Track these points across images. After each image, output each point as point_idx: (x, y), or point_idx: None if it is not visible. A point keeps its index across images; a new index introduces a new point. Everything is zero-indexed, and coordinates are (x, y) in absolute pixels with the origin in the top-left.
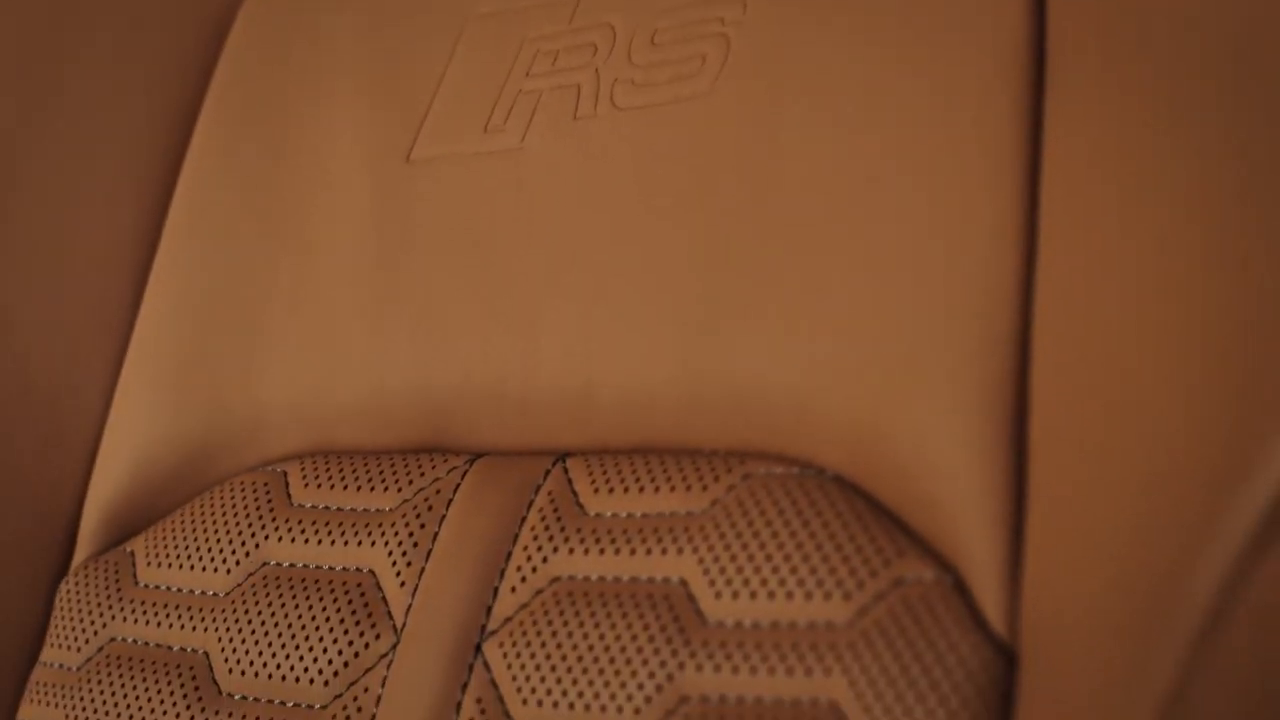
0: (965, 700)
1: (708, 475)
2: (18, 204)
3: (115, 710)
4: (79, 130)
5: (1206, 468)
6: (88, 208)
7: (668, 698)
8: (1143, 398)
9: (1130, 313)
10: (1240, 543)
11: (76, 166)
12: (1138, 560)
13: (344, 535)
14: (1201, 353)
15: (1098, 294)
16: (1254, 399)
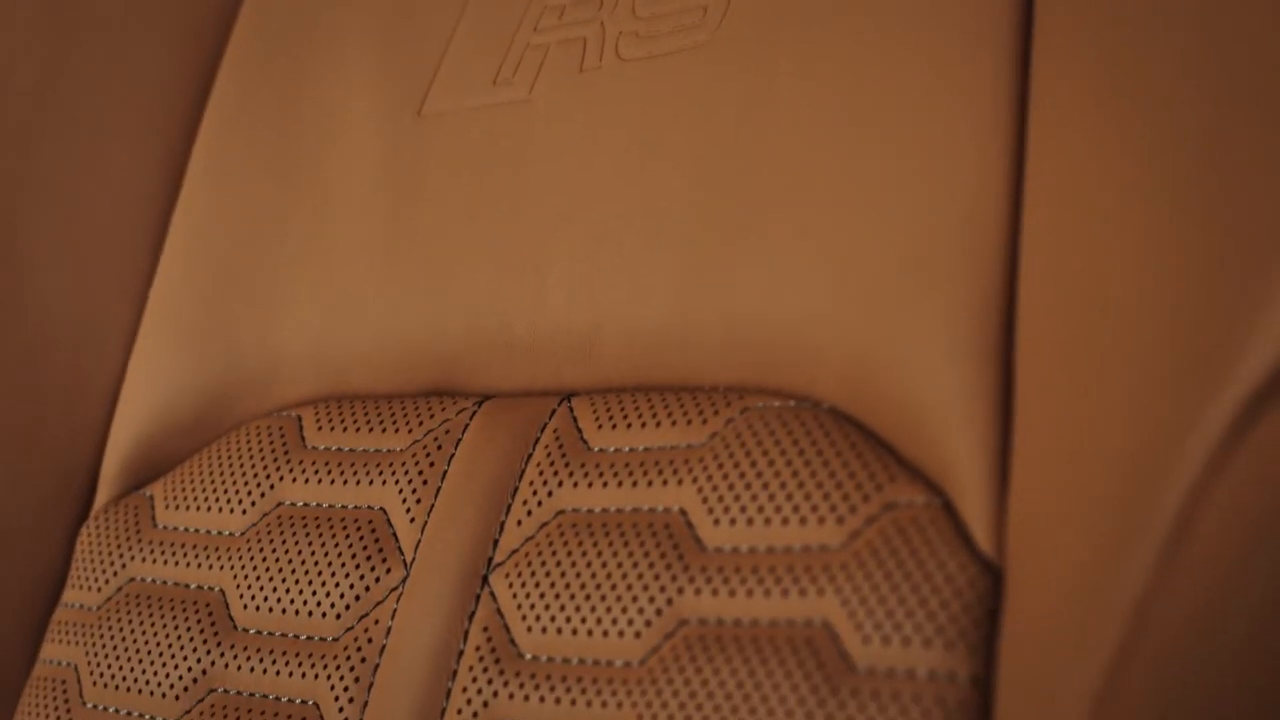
0: (953, 615)
1: (707, 410)
2: (39, 160)
3: (134, 646)
4: (99, 88)
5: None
6: (108, 163)
7: (667, 621)
8: (1122, 327)
9: (1112, 242)
10: (1210, 450)
11: (96, 123)
12: (1115, 476)
13: (356, 475)
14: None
15: (1081, 230)
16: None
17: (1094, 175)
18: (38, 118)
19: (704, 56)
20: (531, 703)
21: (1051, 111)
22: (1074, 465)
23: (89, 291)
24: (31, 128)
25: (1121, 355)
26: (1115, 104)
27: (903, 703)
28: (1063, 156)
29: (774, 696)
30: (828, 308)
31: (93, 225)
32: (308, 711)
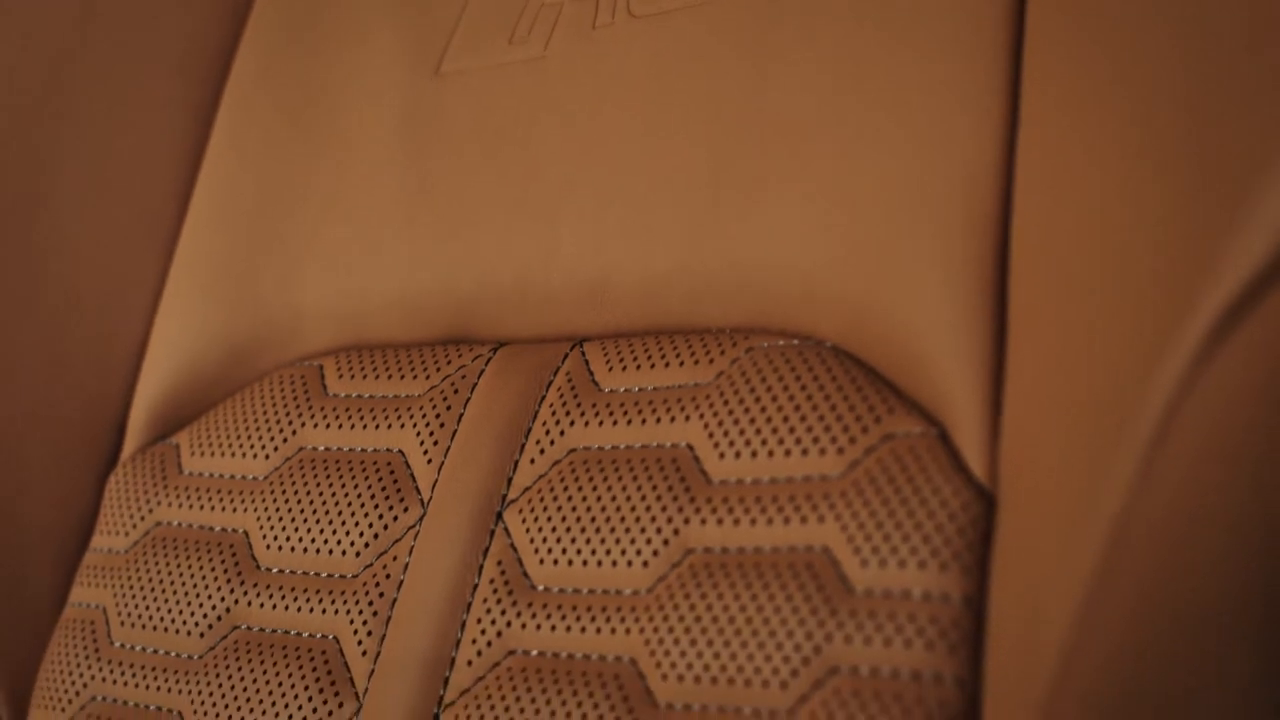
0: (947, 539)
1: (714, 350)
2: (68, 120)
3: (160, 587)
4: (127, 48)
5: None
6: (135, 122)
7: (674, 550)
8: (1107, 262)
9: (1099, 183)
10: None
11: (124, 83)
12: (1098, 397)
13: (375, 420)
14: (1161, 209)
15: (1071, 174)
16: (1202, 245)
17: (1084, 122)
18: (67, 78)
19: (713, 14)
20: (543, 631)
21: (1045, 66)
22: (1061, 391)
23: (116, 247)
24: (61, 88)
25: (1105, 288)
26: (1105, 55)
27: (898, 622)
28: (1055, 107)
29: (775, 619)
30: (829, 253)
31: (120, 183)
32: (327, 645)
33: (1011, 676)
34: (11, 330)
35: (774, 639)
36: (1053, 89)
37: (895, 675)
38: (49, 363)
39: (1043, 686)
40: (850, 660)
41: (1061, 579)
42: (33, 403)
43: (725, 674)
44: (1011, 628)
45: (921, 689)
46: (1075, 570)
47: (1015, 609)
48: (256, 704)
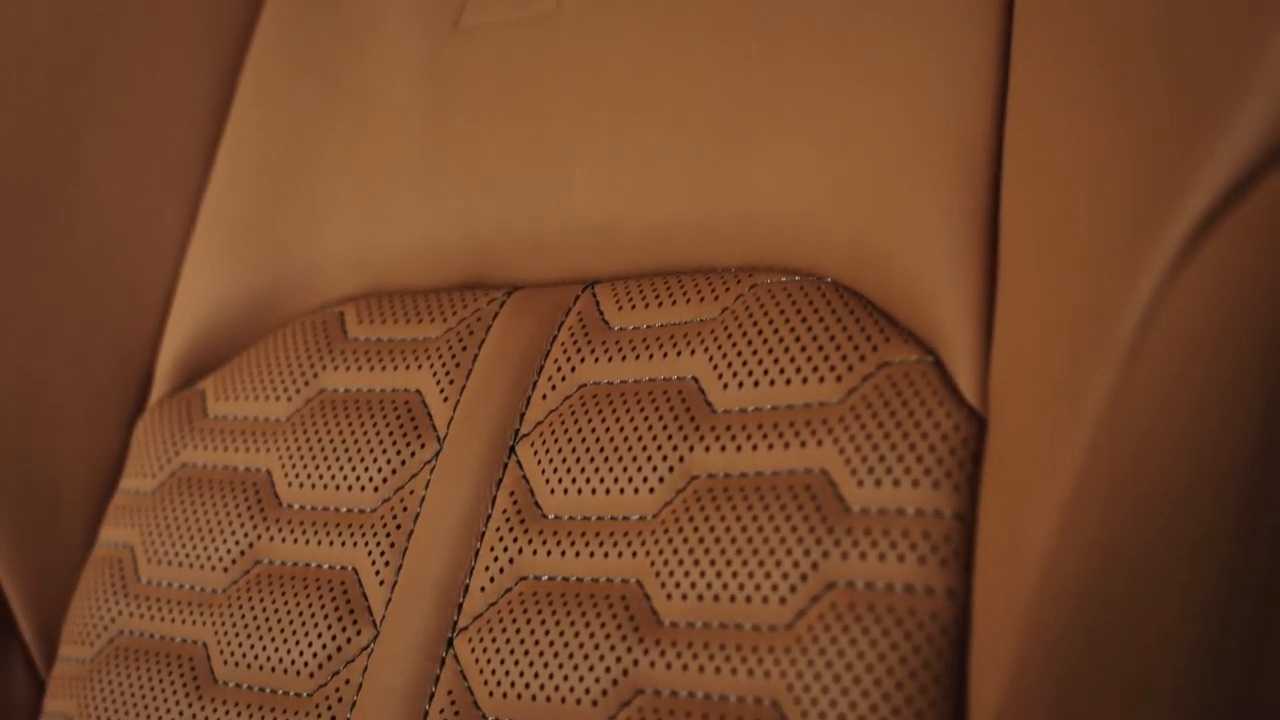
0: (939, 458)
1: (719, 287)
2: (100, 79)
3: (185, 524)
4: (156, 12)
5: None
6: (163, 82)
7: (678, 477)
8: (1089, 193)
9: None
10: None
11: (153, 43)
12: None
13: (393, 361)
14: (1140, 141)
15: (1058, 114)
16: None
17: (1070, 63)
18: (98, 42)
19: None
20: (554, 556)
21: (1035, 12)
22: (1046, 317)
23: (145, 202)
24: (93, 52)
25: (1086, 218)
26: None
27: (892, 538)
28: (1044, 51)
29: (775, 538)
30: (829, 193)
31: (149, 141)
32: (346, 576)
33: (999, 586)
34: (45, 281)
35: (773, 557)
36: (1042, 35)
37: (890, 588)
38: (80, 313)
39: (1027, 595)
40: (846, 575)
41: (1045, 493)
42: (64, 352)
43: (727, 592)
44: (999, 541)
45: (914, 601)
46: (1057, 483)
47: (1002, 523)
48: (278, 633)
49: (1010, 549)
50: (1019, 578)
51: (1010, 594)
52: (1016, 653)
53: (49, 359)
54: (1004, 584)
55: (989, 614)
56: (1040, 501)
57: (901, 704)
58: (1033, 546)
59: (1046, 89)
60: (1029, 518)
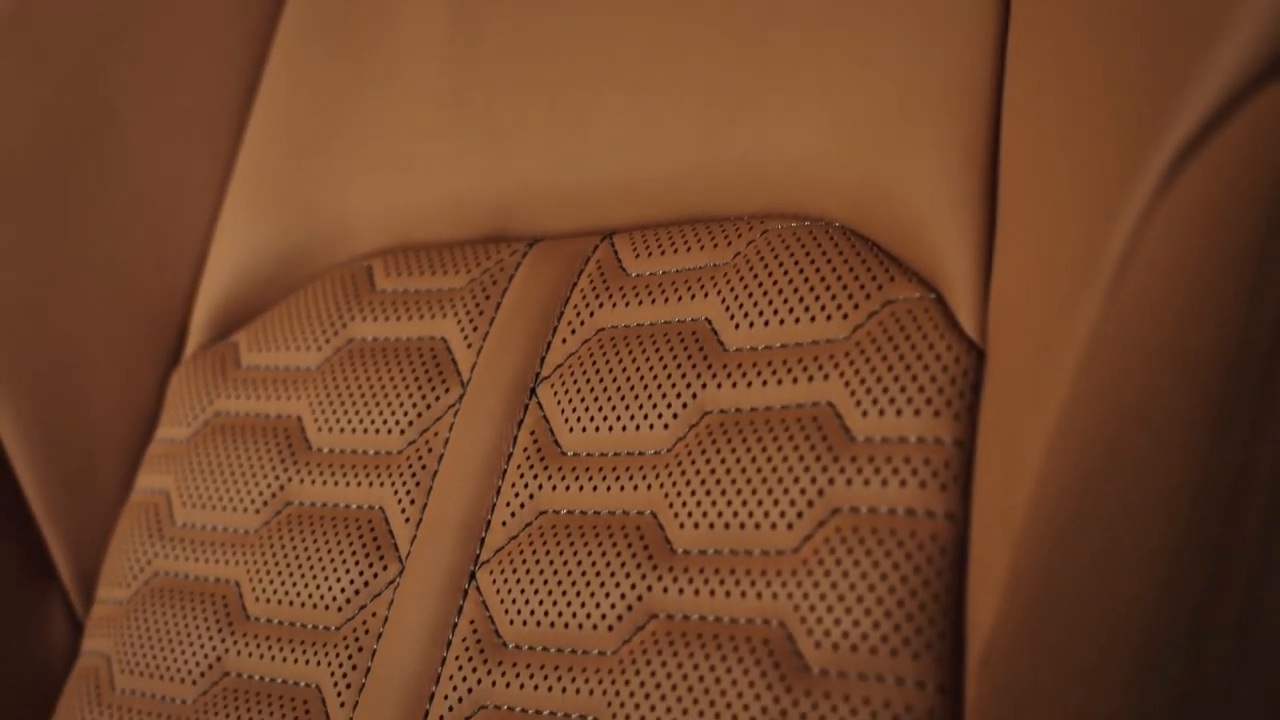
0: (940, 388)
1: (731, 234)
2: (138, 42)
3: (218, 468)
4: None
5: (1123, 161)
6: (198, 47)
7: (691, 413)
8: (1081, 129)
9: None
10: (1138, 212)
11: (189, 10)
12: (1070, 258)
13: (420, 311)
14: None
15: (1054, 58)
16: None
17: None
18: (136, 7)
19: None
20: (572, 491)
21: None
22: (1040, 250)
23: (180, 161)
24: (130, 16)
25: (1077, 154)
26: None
27: (895, 464)
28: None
29: (783, 468)
30: (838, 142)
31: (184, 103)
32: (373, 515)
33: (994, 509)
34: (82, 240)
35: (781, 485)
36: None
37: (892, 512)
38: (117, 269)
39: (1019, 516)
40: (851, 501)
41: (1036, 418)
42: (102, 309)
43: (737, 520)
44: (994, 466)
45: (915, 523)
46: (1048, 408)
47: (998, 449)
48: (308, 570)
49: (1004, 473)
50: (1012, 500)
51: (1004, 516)
52: (1008, 571)
53: (86, 315)
54: (998, 507)
55: (985, 536)
56: (1032, 426)
57: (902, 621)
58: (1025, 470)
59: (1042, 34)
60: (1022, 443)
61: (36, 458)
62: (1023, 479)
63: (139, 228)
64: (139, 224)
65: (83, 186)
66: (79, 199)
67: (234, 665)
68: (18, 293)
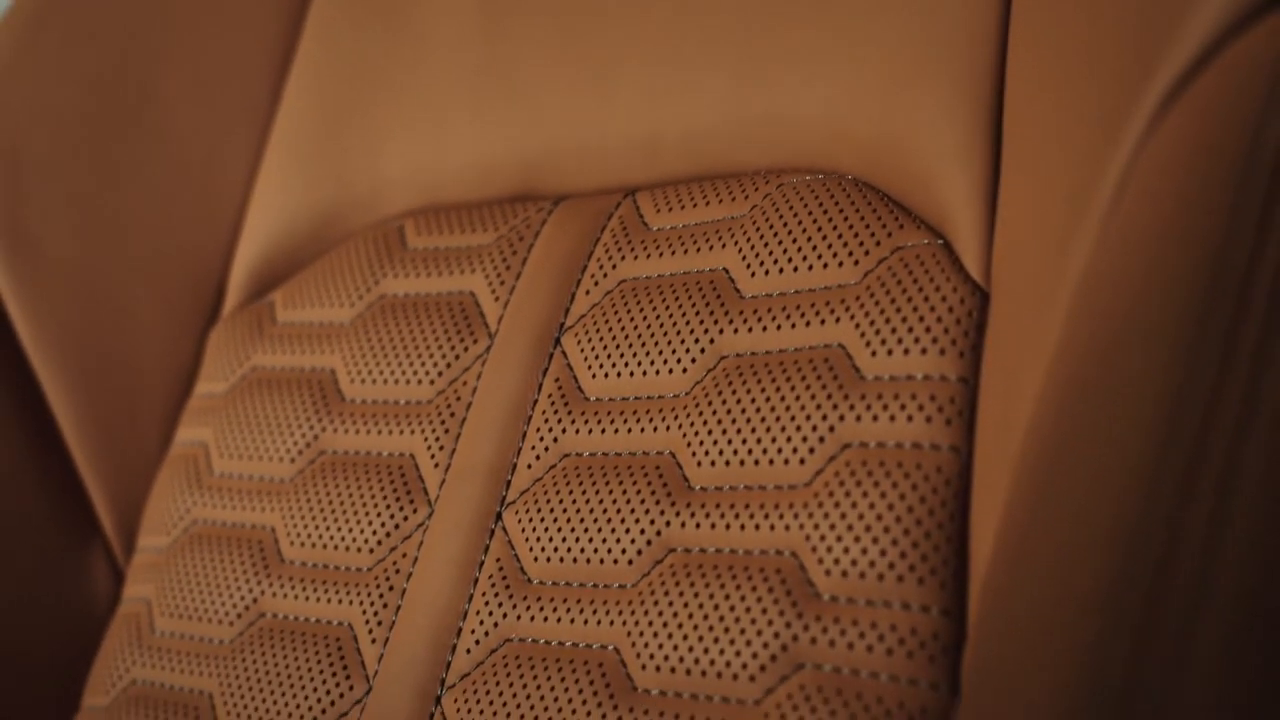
0: (946, 328)
1: (749, 187)
2: (177, 15)
3: (254, 420)
4: None
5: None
6: (237, 16)
7: (709, 357)
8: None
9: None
10: (1130, 149)
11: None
12: (1069, 200)
13: (449, 267)
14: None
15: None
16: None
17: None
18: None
19: None
20: (594, 434)
21: None
22: (1039, 194)
23: (218, 128)
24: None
25: (1075, 101)
26: None
27: (902, 401)
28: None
29: (795, 405)
30: (850, 99)
31: (223, 71)
32: (404, 462)
33: (995, 442)
34: (124, 205)
35: (794, 423)
36: None
37: (899, 446)
38: (159, 233)
39: (1015, 447)
40: (860, 436)
41: (1034, 353)
42: (143, 270)
43: (751, 456)
44: (996, 401)
45: (921, 456)
46: (1045, 343)
47: (1000, 384)
48: (341, 515)
49: (1005, 406)
50: (1011, 431)
51: (1003, 448)
52: (1006, 496)
53: (130, 277)
54: (999, 440)
55: (987, 466)
56: (1030, 361)
57: (908, 548)
58: (1023, 403)
59: None
60: (1021, 376)
61: (80, 413)
62: (1021, 410)
63: (180, 193)
64: (180, 190)
65: (127, 155)
66: (123, 167)
67: (270, 606)
68: (64, 255)
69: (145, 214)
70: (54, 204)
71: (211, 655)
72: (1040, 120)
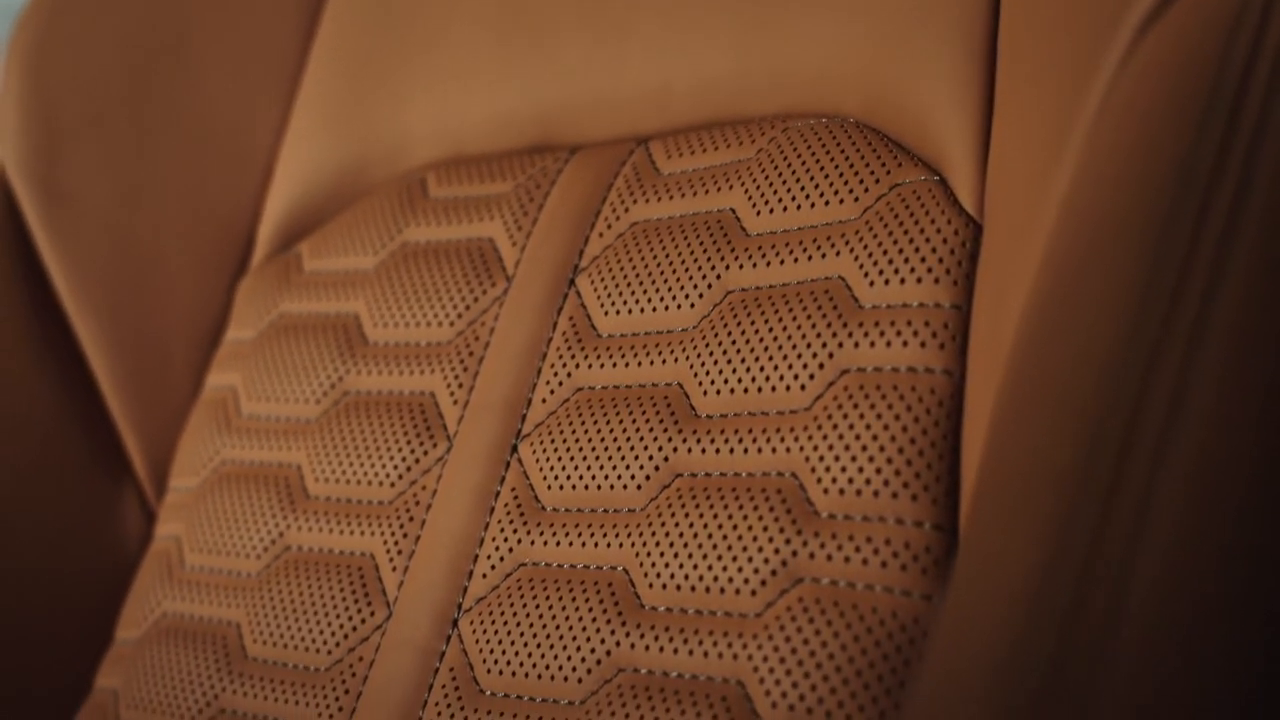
0: (941, 258)
1: (755, 132)
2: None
3: (281, 364)
4: None
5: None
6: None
7: (715, 293)
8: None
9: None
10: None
11: None
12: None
13: (469, 215)
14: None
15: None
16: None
17: None
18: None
19: None
20: (606, 369)
21: None
22: (1027, 131)
23: (248, 86)
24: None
25: (1059, 41)
26: None
27: (898, 327)
28: None
29: (796, 335)
30: (853, 45)
31: (252, 31)
32: (424, 400)
33: (985, 365)
34: (160, 159)
35: (795, 351)
36: None
37: (895, 370)
38: (191, 186)
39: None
40: (858, 362)
41: (1020, 277)
42: (175, 224)
43: (755, 384)
44: (986, 326)
45: (916, 379)
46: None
47: (990, 308)
48: (363, 451)
49: (993, 330)
50: (998, 353)
51: (992, 369)
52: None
53: (162, 230)
54: (988, 361)
55: (977, 388)
56: (1016, 286)
57: (902, 466)
58: (1009, 326)
59: None
60: (1008, 301)
61: (114, 361)
62: (1008, 331)
63: (211, 151)
64: (211, 147)
65: (160, 115)
66: (156, 126)
67: (295, 540)
68: (100, 211)
69: (177, 171)
70: (90, 162)
71: (239, 587)
72: (1029, 61)
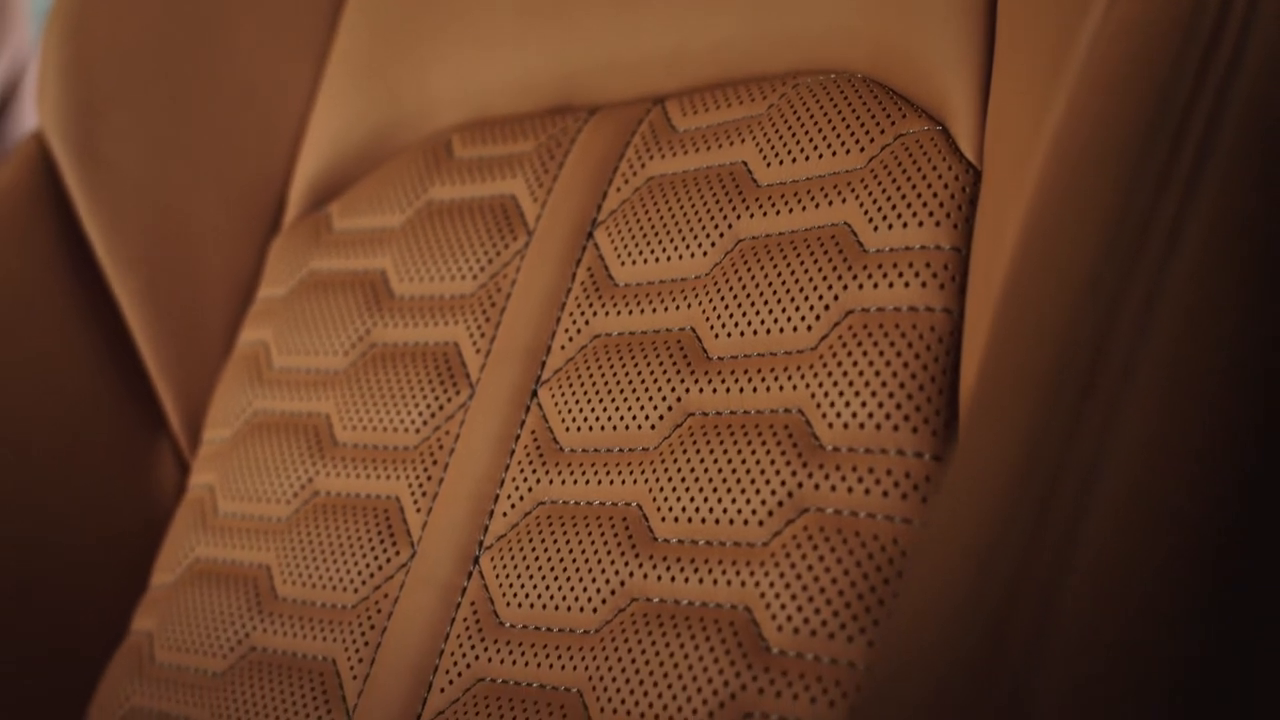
0: (941, 203)
1: (767, 89)
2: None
3: (310, 318)
4: None
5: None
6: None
7: (727, 241)
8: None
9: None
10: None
11: None
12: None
13: (492, 174)
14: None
15: None
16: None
17: None
18: None
19: None
20: (622, 316)
21: None
22: (1021, 81)
23: (280, 53)
24: None
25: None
26: None
27: (900, 269)
28: None
29: (804, 279)
30: (859, 6)
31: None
32: (448, 350)
33: (982, 303)
34: (195, 123)
35: (802, 294)
36: None
37: (897, 309)
38: (224, 150)
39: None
40: (862, 303)
41: (1013, 218)
42: (209, 185)
43: (764, 327)
44: (984, 266)
45: (917, 318)
46: (1020, 207)
47: (987, 251)
48: (389, 400)
49: (989, 272)
50: (993, 289)
51: (988, 305)
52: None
53: (196, 192)
54: (984, 299)
55: (974, 326)
56: (1010, 226)
57: (903, 400)
58: (1003, 266)
59: None
60: (1003, 240)
61: (150, 318)
62: (1002, 268)
63: (244, 114)
64: (244, 111)
65: (195, 79)
66: (191, 90)
67: (324, 485)
68: (136, 173)
69: (211, 134)
70: (127, 126)
71: (269, 531)
72: (1025, 15)
